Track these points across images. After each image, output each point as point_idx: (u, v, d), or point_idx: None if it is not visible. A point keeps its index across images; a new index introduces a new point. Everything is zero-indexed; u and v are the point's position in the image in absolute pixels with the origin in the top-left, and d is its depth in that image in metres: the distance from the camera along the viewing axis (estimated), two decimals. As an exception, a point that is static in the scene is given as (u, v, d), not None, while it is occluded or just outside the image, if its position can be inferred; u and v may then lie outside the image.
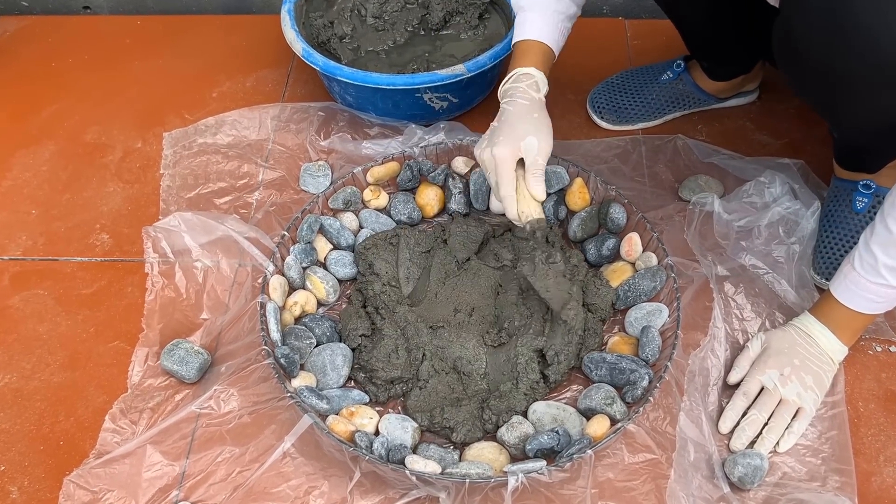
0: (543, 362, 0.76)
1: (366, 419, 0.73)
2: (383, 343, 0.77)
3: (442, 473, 0.67)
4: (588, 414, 0.73)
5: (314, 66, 0.96)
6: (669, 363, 0.72)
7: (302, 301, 0.81)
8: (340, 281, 0.85)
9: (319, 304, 0.84)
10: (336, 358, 0.77)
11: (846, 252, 0.81)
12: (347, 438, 0.69)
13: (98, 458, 0.72)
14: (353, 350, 0.79)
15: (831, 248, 0.82)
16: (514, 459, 0.71)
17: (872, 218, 0.80)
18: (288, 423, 0.73)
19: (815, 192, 0.87)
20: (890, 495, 0.70)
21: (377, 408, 0.76)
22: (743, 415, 0.73)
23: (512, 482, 0.65)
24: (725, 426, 0.73)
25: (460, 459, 0.72)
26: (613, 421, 0.71)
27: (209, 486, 0.71)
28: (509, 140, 0.72)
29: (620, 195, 0.85)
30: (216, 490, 0.70)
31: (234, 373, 0.77)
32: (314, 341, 0.78)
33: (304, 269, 0.84)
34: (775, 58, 0.72)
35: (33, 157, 1.01)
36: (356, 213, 0.90)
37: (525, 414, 0.74)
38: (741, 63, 0.96)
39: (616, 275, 0.83)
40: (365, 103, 0.99)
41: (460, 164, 0.92)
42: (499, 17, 1.09)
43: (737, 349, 0.78)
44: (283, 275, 0.82)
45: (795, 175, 0.89)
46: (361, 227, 0.89)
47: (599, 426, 0.70)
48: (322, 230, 0.87)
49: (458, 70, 0.92)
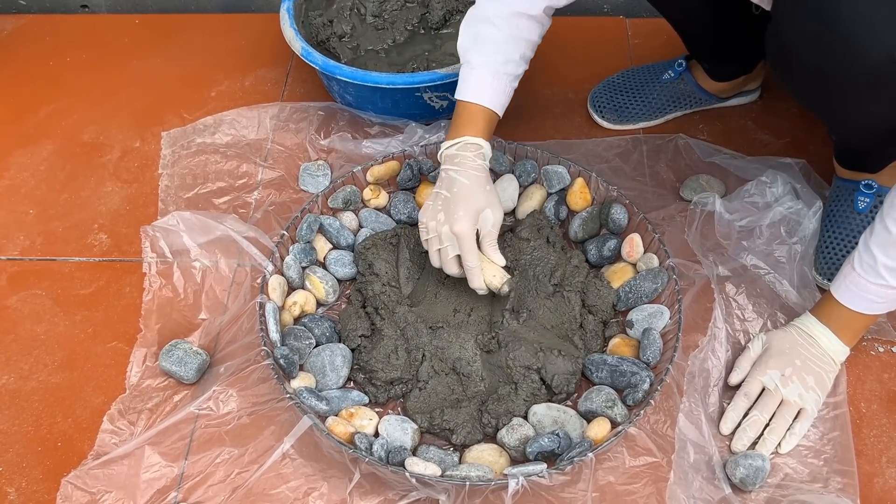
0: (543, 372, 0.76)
1: (365, 420, 0.73)
2: (383, 343, 0.76)
3: (442, 476, 0.67)
4: (589, 416, 0.73)
5: (313, 66, 0.95)
6: (671, 366, 0.72)
7: (301, 301, 0.81)
8: (340, 281, 0.85)
9: (319, 305, 0.84)
10: (335, 358, 0.77)
11: (848, 252, 0.81)
12: (347, 440, 0.69)
13: (96, 459, 0.72)
14: (353, 351, 0.79)
15: (833, 249, 0.82)
16: (515, 462, 0.71)
17: (875, 218, 0.80)
18: (287, 425, 0.73)
19: (817, 192, 0.87)
20: (892, 497, 0.70)
21: (377, 409, 0.76)
22: (744, 416, 0.73)
23: (512, 485, 0.65)
24: (727, 427, 0.73)
25: (460, 462, 0.71)
26: (614, 424, 0.71)
27: (208, 488, 0.70)
28: (468, 215, 0.73)
29: (622, 195, 0.85)
30: (215, 491, 0.70)
31: (233, 373, 0.77)
32: (313, 342, 0.78)
33: (304, 269, 0.84)
34: (769, 64, 0.72)
35: (31, 157, 1.01)
36: (356, 213, 0.89)
37: (525, 416, 0.74)
38: (742, 64, 0.96)
39: (617, 276, 0.82)
40: (364, 102, 0.99)
41: (460, 164, 0.92)
42: (499, 16, 1.08)
43: (738, 350, 0.78)
44: (283, 275, 0.81)
45: (797, 175, 0.88)
46: (361, 227, 0.89)
47: (600, 429, 0.70)
48: (321, 230, 0.87)
49: (458, 69, 0.92)
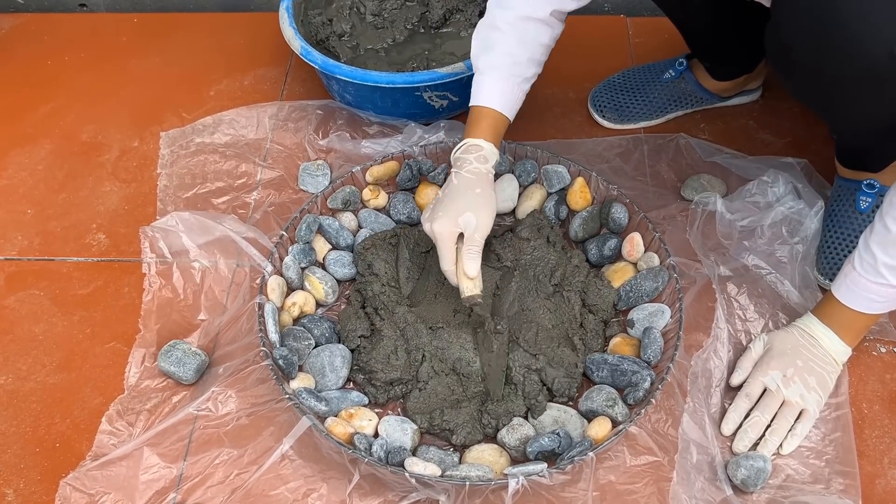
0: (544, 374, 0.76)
1: (365, 421, 0.73)
2: (382, 344, 0.76)
3: (442, 476, 0.67)
4: (589, 416, 0.73)
5: (313, 65, 0.95)
6: (671, 365, 0.72)
7: (300, 302, 0.81)
8: (339, 281, 0.85)
9: (318, 305, 0.83)
10: (335, 359, 0.76)
11: (850, 252, 0.80)
12: (346, 440, 0.69)
13: (94, 461, 0.72)
14: (353, 351, 0.79)
15: (835, 249, 0.82)
16: (515, 462, 0.71)
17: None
18: (286, 425, 0.73)
19: (819, 192, 0.87)
20: (894, 498, 0.70)
21: (376, 409, 0.75)
22: (746, 417, 0.73)
23: (512, 485, 0.65)
24: (728, 428, 0.73)
25: (460, 462, 0.71)
26: (615, 423, 0.71)
27: (207, 489, 0.70)
28: (448, 215, 0.71)
29: (622, 195, 0.85)
30: (214, 492, 0.70)
31: (232, 374, 0.77)
32: (313, 342, 0.78)
33: (303, 270, 0.83)
34: (770, 63, 0.72)
35: (29, 157, 1.01)
36: (355, 213, 0.89)
37: (525, 416, 0.74)
38: (743, 63, 0.96)
39: (618, 275, 0.82)
40: (364, 102, 0.98)
41: (460, 164, 0.91)
42: (499, 15, 1.08)
43: (739, 350, 0.78)
44: (282, 275, 0.81)
45: (799, 174, 0.88)
46: (360, 227, 0.89)
47: (601, 428, 0.70)
48: (321, 230, 0.86)
49: (458, 68, 0.92)
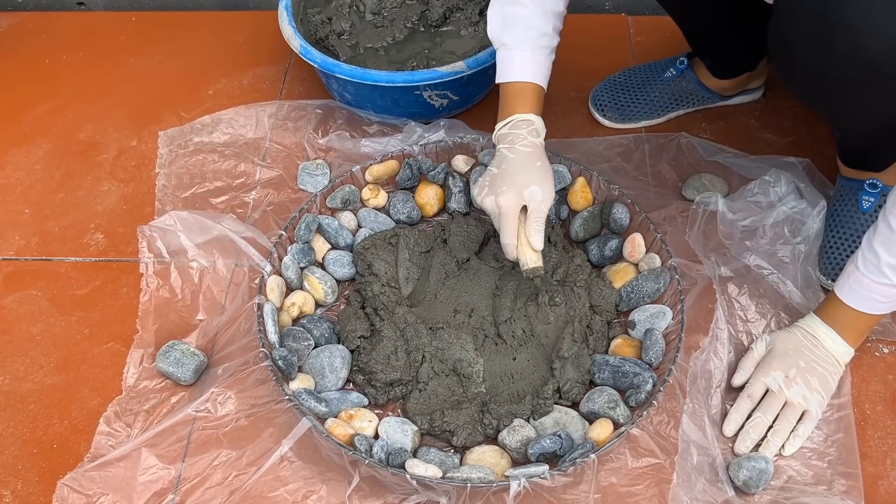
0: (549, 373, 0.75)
1: (365, 422, 0.72)
2: (382, 345, 0.76)
3: (443, 478, 0.67)
4: (591, 417, 0.73)
5: (312, 63, 0.95)
6: (673, 366, 0.72)
7: (300, 302, 0.80)
8: (339, 281, 0.85)
9: (317, 305, 0.83)
10: (335, 360, 0.76)
11: (852, 252, 0.80)
12: (346, 442, 0.69)
13: (92, 462, 0.71)
14: (352, 352, 0.79)
15: (837, 249, 0.82)
16: (516, 463, 0.71)
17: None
18: (286, 427, 0.72)
19: (821, 192, 0.87)
20: (897, 499, 0.70)
21: (376, 411, 0.75)
22: (747, 417, 0.73)
23: (514, 487, 0.65)
24: (730, 429, 0.73)
25: (461, 463, 0.71)
26: (617, 425, 0.71)
27: (205, 490, 0.70)
28: (513, 189, 0.71)
29: (623, 195, 0.84)
30: (212, 494, 0.70)
31: (231, 375, 0.77)
32: (312, 343, 0.77)
33: (302, 270, 0.83)
34: (771, 61, 0.72)
35: (26, 156, 1.00)
36: (355, 213, 0.89)
37: (528, 418, 0.73)
38: (745, 61, 0.95)
39: (619, 276, 0.82)
40: (363, 101, 0.98)
41: (460, 163, 0.91)
42: (499, 14, 1.07)
43: (741, 351, 0.78)
44: (281, 275, 0.81)
45: (801, 174, 0.88)
46: (360, 227, 0.88)
47: (602, 430, 0.70)
48: (320, 230, 0.86)
49: (459, 67, 0.92)
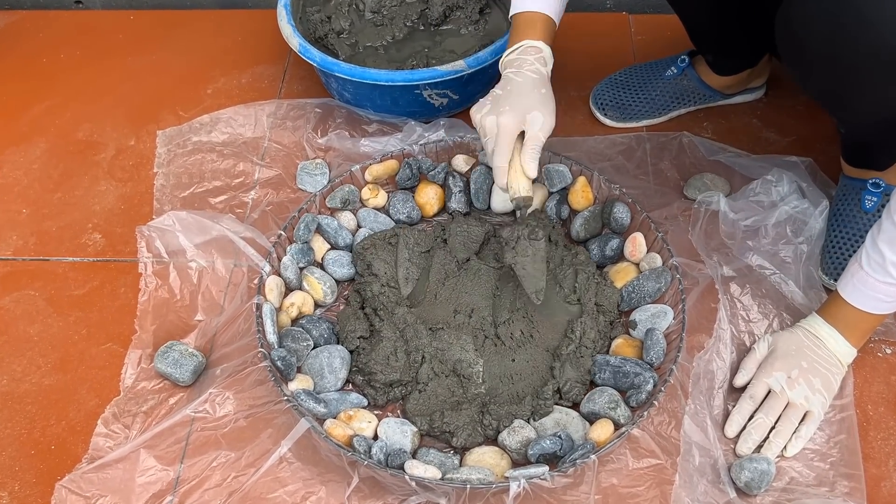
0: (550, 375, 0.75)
1: (364, 423, 0.72)
2: (382, 345, 0.76)
3: (442, 479, 0.66)
4: (591, 418, 0.72)
5: (311, 62, 0.94)
6: (674, 366, 0.71)
7: (299, 302, 0.80)
8: (338, 281, 0.84)
9: (317, 306, 0.83)
10: (334, 360, 0.76)
11: (855, 252, 0.79)
12: (345, 443, 0.68)
13: (90, 463, 0.71)
14: (352, 352, 0.78)
15: (840, 248, 0.81)
16: (516, 464, 0.70)
17: (881, 216, 0.79)
18: (284, 428, 0.72)
19: (824, 191, 0.86)
20: (900, 501, 0.69)
21: (376, 411, 0.75)
22: (749, 418, 0.72)
23: (514, 488, 0.65)
24: (732, 430, 0.72)
25: (461, 464, 0.71)
26: (617, 425, 0.70)
27: (204, 492, 0.70)
28: (515, 111, 0.70)
29: (624, 194, 0.84)
30: (211, 495, 0.69)
31: (230, 376, 0.76)
32: (311, 343, 0.77)
33: (301, 270, 0.83)
34: (779, 52, 0.71)
35: (24, 155, 1.00)
36: (354, 213, 0.88)
37: (528, 419, 0.73)
38: (746, 56, 0.95)
39: (620, 276, 0.82)
40: (363, 100, 0.98)
41: (461, 162, 0.91)
42: (500, 12, 1.07)
43: (743, 351, 0.77)
44: (280, 275, 0.80)
45: (803, 173, 0.88)
46: (360, 227, 0.88)
47: (603, 431, 0.69)
48: (319, 230, 0.86)
49: (459, 66, 0.91)
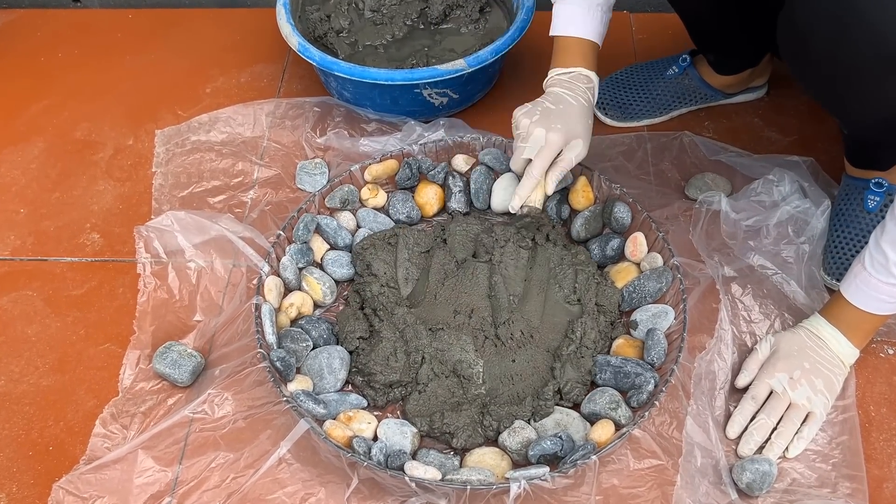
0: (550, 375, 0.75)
1: (364, 424, 0.72)
2: (381, 346, 0.75)
3: (442, 480, 0.66)
4: (592, 419, 0.72)
5: (310, 62, 0.94)
6: (675, 367, 0.71)
7: (298, 302, 0.80)
8: (337, 282, 0.84)
9: (316, 306, 0.83)
10: (333, 361, 0.75)
11: (857, 252, 0.80)
12: (345, 444, 0.68)
13: (88, 464, 0.71)
14: (351, 353, 0.78)
15: (842, 248, 0.81)
16: (517, 465, 0.70)
17: (884, 217, 0.79)
18: (284, 428, 0.72)
19: (826, 191, 0.86)
20: (903, 502, 0.69)
21: (375, 412, 0.74)
22: (751, 419, 0.72)
23: (514, 489, 0.64)
24: (733, 431, 0.72)
25: (461, 465, 0.71)
26: (618, 426, 0.70)
27: (203, 493, 0.69)
28: (565, 131, 0.76)
29: (625, 194, 0.84)
30: (210, 497, 0.69)
31: (229, 376, 0.76)
32: (310, 344, 0.77)
33: (301, 270, 0.82)
34: (781, 52, 0.71)
35: (21, 155, 1.00)
36: (354, 213, 0.88)
37: (528, 420, 0.73)
38: (748, 56, 0.95)
39: (621, 275, 0.81)
40: (363, 99, 0.97)
41: (460, 162, 0.90)
42: (500, 11, 1.07)
43: (744, 352, 0.77)
44: (279, 276, 0.80)
45: (805, 173, 0.88)
46: (359, 227, 0.88)
47: (604, 431, 0.69)
48: (319, 230, 0.85)
49: (459, 65, 0.91)
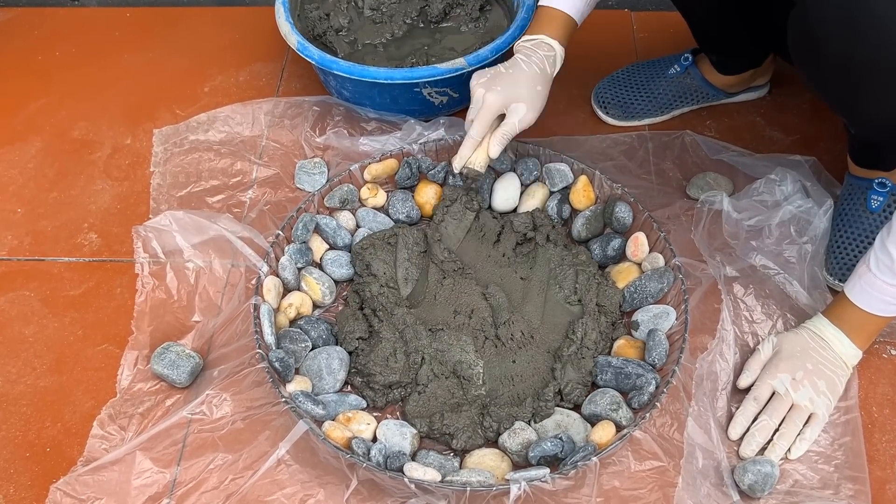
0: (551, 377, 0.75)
1: (363, 425, 0.72)
2: (381, 346, 0.75)
3: (442, 481, 0.66)
4: (593, 420, 0.72)
5: (310, 60, 0.94)
6: (677, 367, 0.71)
7: (297, 303, 0.79)
8: (337, 282, 0.84)
9: (315, 306, 0.82)
10: (332, 362, 0.75)
11: (860, 252, 0.79)
12: (344, 445, 0.68)
13: (86, 465, 0.71)
14: (350, 353, 0.78)
15: (845, 249, 0.81)
16: (517, 467, 0.70)
17: (888, 217, 0.79)
18: (282, 430, 0.72)
19: (828, 191, 0.86)
20: (905, 504, 0.69)
21: (375, 413, 0.74)
22: (753, 420, 0.72)
23: (514, 490, 0.64)
24: (735, 432, 0.72)
25: (461, 467, 0.70)
26: (619, 427, 0.70)
27: (201, 495, 0.69)
28: (505, 95, 0.75)
29: (626, 193, 0.84)
30: (208, 498, 0.69)
31: (227, 377, 0.76)
32: (309, 344, 0.77)
33: (300, 270, 0.82)
34: (790, 52, 0.71)
35: (19, 154, 1.00)
36: (353, 212, 0.88)
37: (529, 421, 0.72)
38: (751, 56, 0.94)
39: (622, 276, 0.81)
40: (362, 98, 0.97)
41: (461, 161, 0.90)
42: (500, 10, 1.06)
43: (746, 352, 0.77)
44: (278, 276, 0.80)
45: (807, 172, 0.87)
46: (358, 227, 0.88)
47: (605, 432, 0.69)
48: (318, 230, 0.85)
49: (459, 64, 0.91)
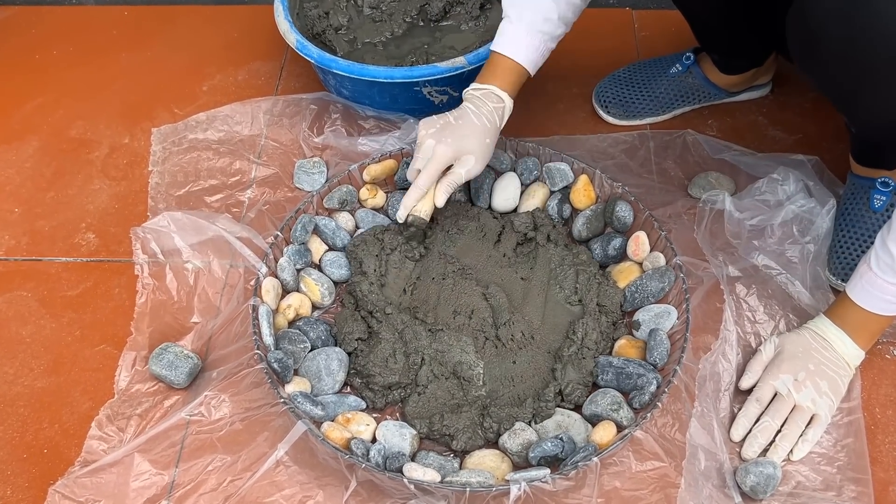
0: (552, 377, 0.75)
1: (362, 426, 0.71)
2: (380, 347, 0.75)
3: (441, 482, 0.66)
4: (593, 420, 0.72)
5: (309, 59, 0.93)
6: (678, 367, 0.71)
7: (296, 304, 0.79)
8: (336, 283, 0.84)
9: (314, 307, 0.82)
10: (331, 363, 0.75)
11: (863, 252, 0.79)
12: (343, 446, 0.68)
13: (84, 467, 0.70)
14: (350, 354, 0.78)
15: (847, 248, 0.80)
16: (517, 467, 0.70)
17: (891, 216, 0.78)
18: (281, 431, 0.72)
19: (831, 190, 0.86)
20: (909, 505, 0.69)
21: (374, 414, 0.74)
22: (756, 421, 0.72)
23: (514, 491, 0.64)
24: (737, 433, 0.72)
25: (461, 467, 0.70)
26: (620, 427, 0.70)
27: (199, 496, 0.69)
28: (455, 146, 0.76)
29: (627, 193, 0.84)
30: (207, 500, 0.69)
31: (226, 378, 0.76)
32: (308, 345, 0.76)
33: (298, 271, 0.82)
34: (790, 50, 0.71)
35: (16, 153, 0.99)
36: (352, 213, 0.88)
37: (529, 421, 0.72)
38: (753, 56, 0.94)
39: (623, 275, 0.81)
40: (361, 97, 0.97)
41: (460, 161, 0.89)
42: (500, 8, 1.05)
43: (749, 353, 0.77)
44: (277, 277, 0.80)
45: (810, 172, 0.87)
46: (358, 228, 0.87)
47: (605, 433, 0.69)
48: (317, 230, 0.85)
49: (459, 62, 0.90)
